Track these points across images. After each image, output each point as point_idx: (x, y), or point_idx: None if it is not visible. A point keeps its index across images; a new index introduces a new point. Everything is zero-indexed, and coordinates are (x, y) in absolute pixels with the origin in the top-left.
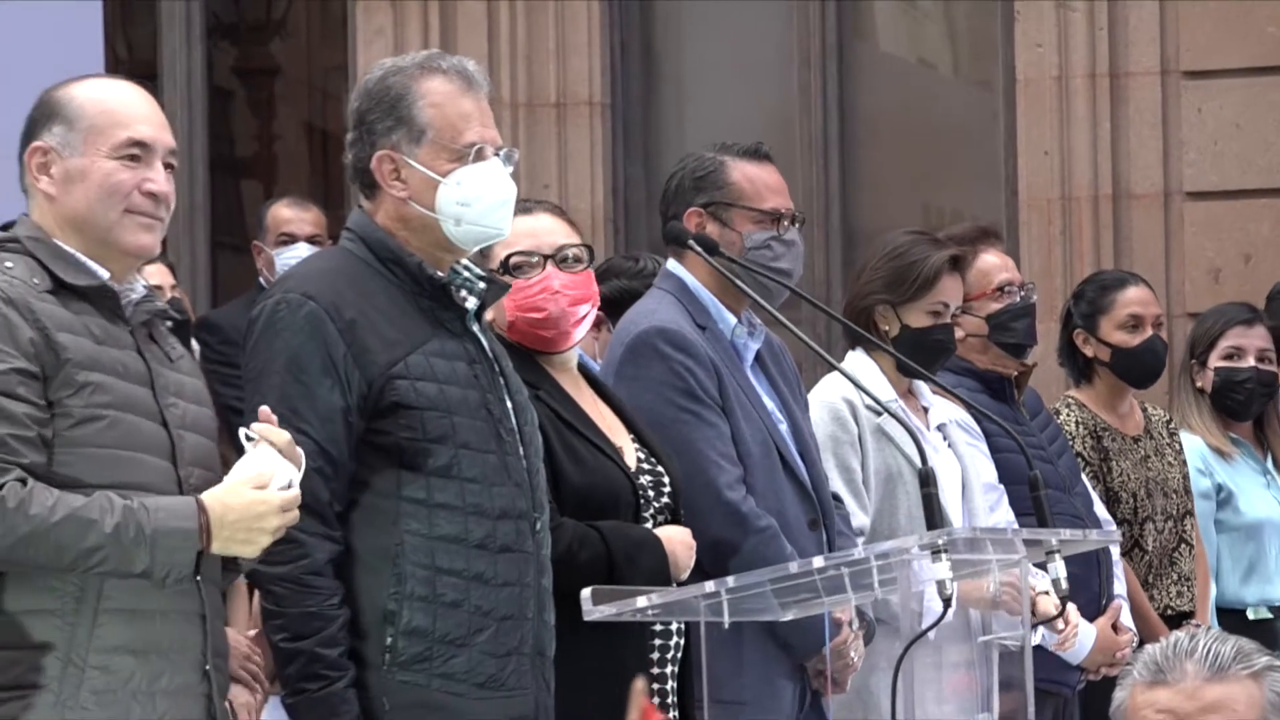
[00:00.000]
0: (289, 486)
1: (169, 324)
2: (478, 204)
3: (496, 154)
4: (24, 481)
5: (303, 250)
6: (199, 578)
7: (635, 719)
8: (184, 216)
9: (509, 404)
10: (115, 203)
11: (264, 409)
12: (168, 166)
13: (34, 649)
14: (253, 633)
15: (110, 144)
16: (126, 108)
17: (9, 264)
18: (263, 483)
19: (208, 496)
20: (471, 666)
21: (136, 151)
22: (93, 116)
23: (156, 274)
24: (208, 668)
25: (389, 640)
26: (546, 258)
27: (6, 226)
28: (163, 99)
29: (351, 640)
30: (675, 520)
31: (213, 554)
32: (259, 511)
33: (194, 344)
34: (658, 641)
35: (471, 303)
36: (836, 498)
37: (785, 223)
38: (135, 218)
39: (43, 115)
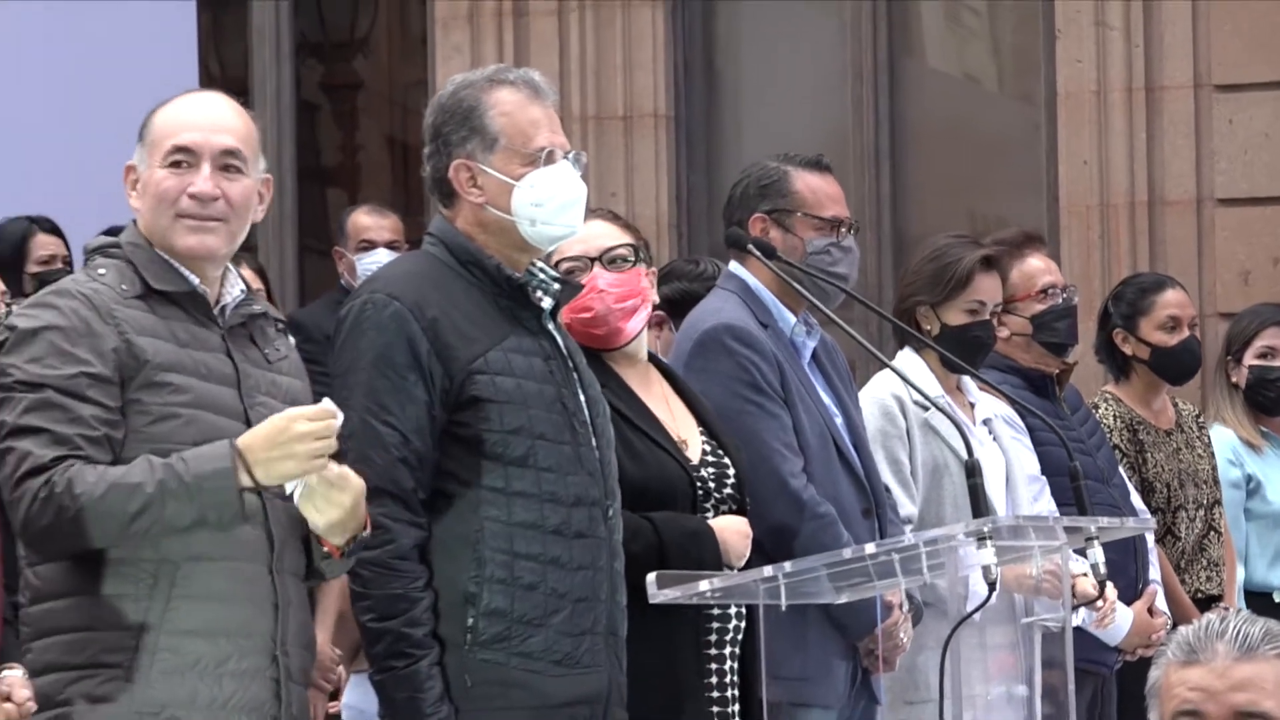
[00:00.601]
0: None
1: (279, 325)
2: (550, 204)
3: (565, 157)
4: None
5: (382, 256)
6: (274, 568)
7: None
8: (274, 223)
9: (582, 398)
10: (165, 209)
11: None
12: (226, 167)
13: (124, 630)
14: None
15: (160, 154)
16: (178, 117)
17: (101, 270)
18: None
19: (242, 436)
20: (548, 645)
21: (180, 158)
22: (154, 131)
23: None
24: (277, 654)
25: (470, 621)
26: (594, 260)
27: (115, 231)
28: (253, 113)
29: (434, 621)
30: (740, 511)
31: (275, 499)
32: (282, 426)
33: None
34: (716, 624)
35: (546, 302)
36: (887, 489)
37: (844, 230)
38: (184, 221)
39: (138, 135)
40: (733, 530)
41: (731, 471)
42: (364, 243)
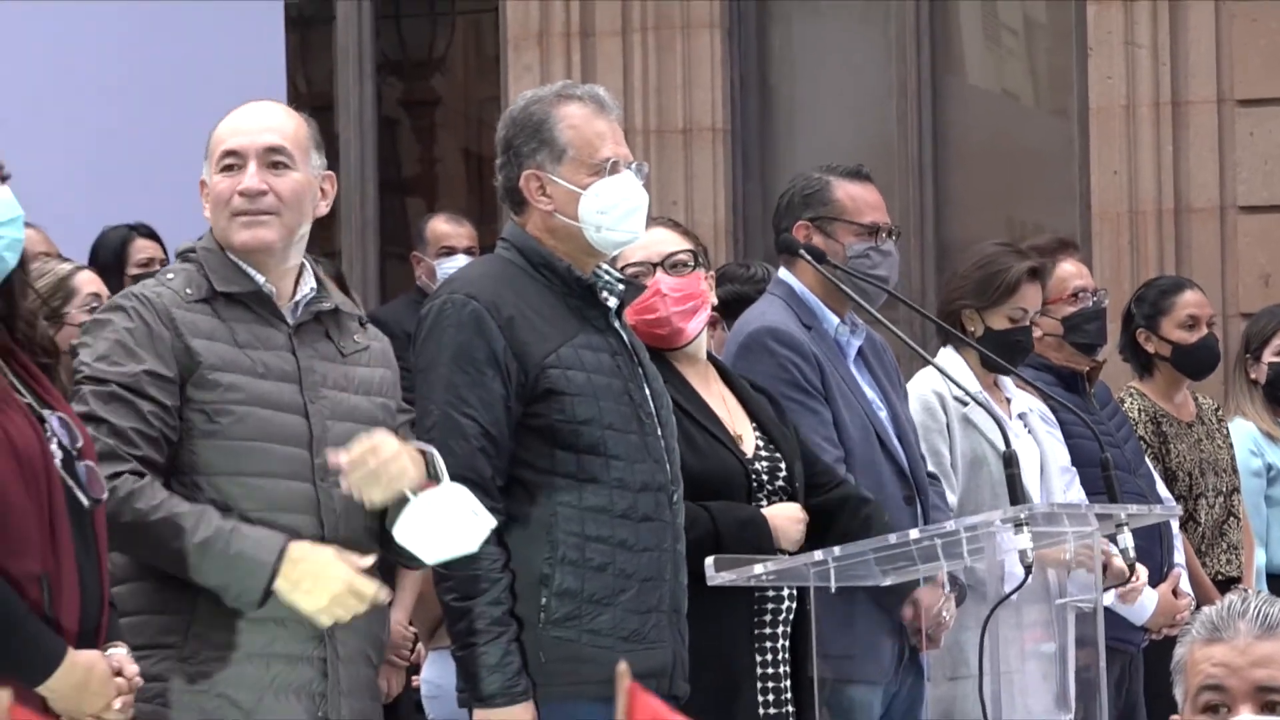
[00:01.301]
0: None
1: (360, 319)
2: (614, 211)
3: (628, 168)
4: (141, 474)
5: (461, 260)
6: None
7: (623, 704)
8: (357, 230)
9: (647, 390)
10: (222, 211)
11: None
12: (273, 164)
13: (175, 614)
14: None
15: (215, 162)
16: (228, 125)
17: (170, 275)
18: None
19: (299, 544)
20: (616, 623)
21: (230, 161)
22: (211, 143)
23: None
24: (324, 637)
25: (543, 600)
26: (656, 265)
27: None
28: (337, 128)
29: (512, 600)
30: (794, 500)
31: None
32: (331, 573)
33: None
34: (770, 605)
35: (612, 302)
36: (933, 477)
37: (883, 235)
38: (238, 219)
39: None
40: (784, 517)
41: (783, 465)
42: (444, 248)
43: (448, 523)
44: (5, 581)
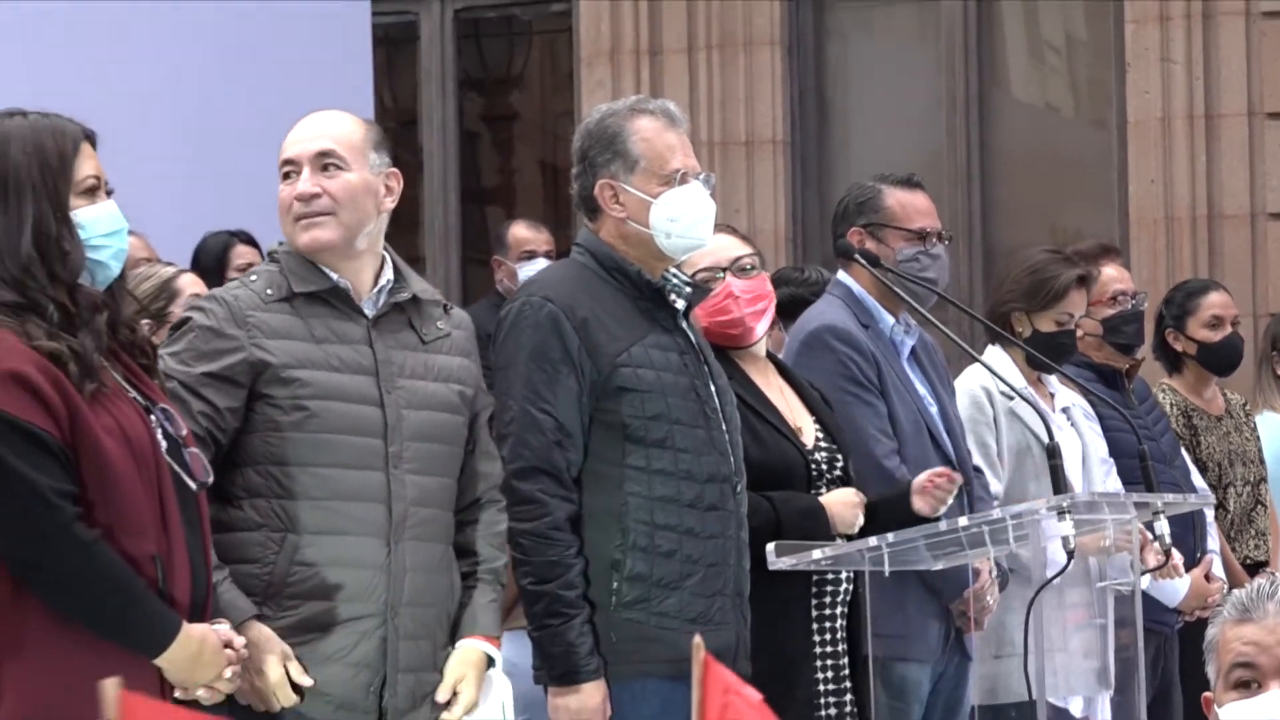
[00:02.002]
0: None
1: (446, 306)
2: (684, 219)
3: (697, 178)
4: None
5: (541, 264)
6: (391, 539)
7: (698, 675)
8: (440, 236)
9: (712, 387)
10: (285, 217)
11: None
12: (325, 167)
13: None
14: None
15: (280, 173)
16: (287, 137)
17: (253, 277)
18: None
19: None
20: (683, 606)
21: (288, 169)
22: (278, 158)
23: None
24: (387, 615)
25: (615, 585)
26: (725, 269)
27: None
28: (421, 140)
29: (585, 585)
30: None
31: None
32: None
33: None
34: (829, 588)
35: (680, 304)
36: (977, 469)
37: (932, 240)
38: (299, 223)
39: None
40: (841, 503)
41: (840, 455)
42: (525, 252)
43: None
44: (124, 561)
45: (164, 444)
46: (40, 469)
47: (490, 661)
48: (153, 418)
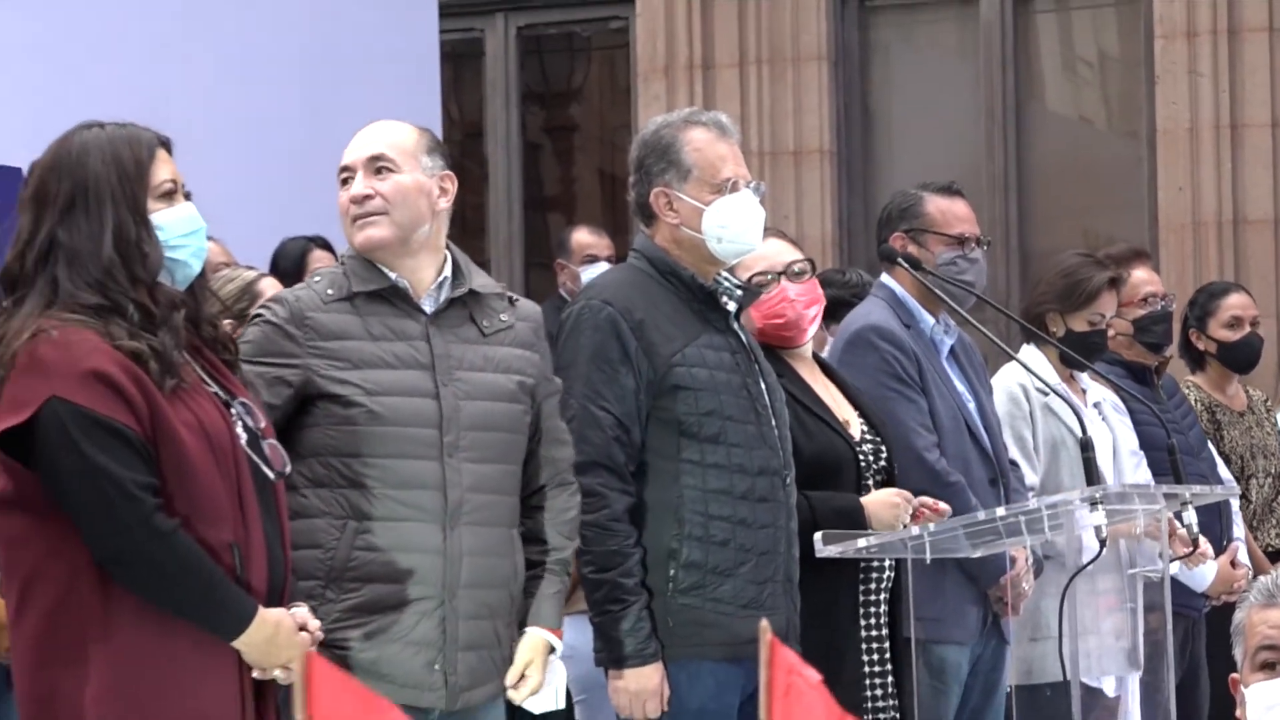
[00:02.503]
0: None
1: (510, 298)
2: (734, 225)
3: (747, 186)
4: None
5: (603, 267)
6: (447, 525)
7: (765, 656)
8: (504, 242)
9: (763, 385)
10: (344, 220)
11: None
12: (377, 170)
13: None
14: None
15: (339, 180)
16: (346, 148)
17: (318, 279)
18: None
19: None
20: (736, 592)
21: (345, 175)
22: None
23: None
24: (444, 598)
25: (672, 572)
26: (780, 273)
27: None
28: (486, 151)
29: (643, 572)
30: (890, 479)
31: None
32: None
33: None
34: (874, 575)
35: (731, 306)
36: (1014, 463)
37: (970, 244)
38: (355, 224)
39: None
40: (880, 503)
41: (884, 448)
42: (587, 256)
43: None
44: (202, 549)
45: (243, 436)
46: (122, 462)
47: (552, 649)
48: (233, 411)
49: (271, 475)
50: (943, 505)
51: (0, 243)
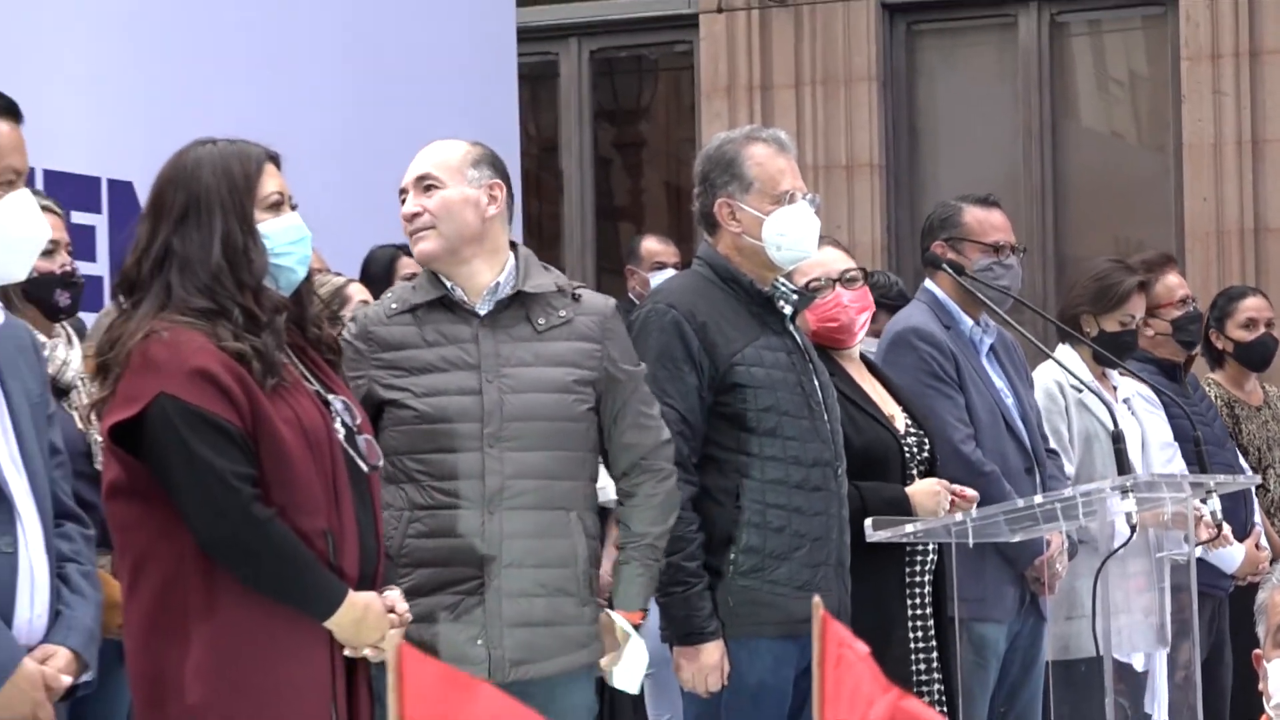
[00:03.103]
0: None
1: (574, 293)
2: (792, 234)
3: (804, 198)
4: None
5: (670, 273)
6: (487, 510)
7: (818, 630)
8: (578, 250)
9: (816, 383)
10: (407, 237)
11: None
12: (426, 188)
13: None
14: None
15: (400, 201)
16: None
17: (389, 294)
18: None
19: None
20: (792, 574)
21: (403, 197)
22: None
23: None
24: (487, 577)
25: (732, 556)
26: (835, 280)
27: None
28: (561, 165)
29: (705, 556)
30: (932, 470)
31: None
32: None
33: None
34: (919, 559)
35: (788, 310)
36: (1053, 453)
37: (1005, 251)
38: (411, 239)
39: None
40: (923, 492)
41: (926, 441)
42: (656, 263)
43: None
44: (296, 536)
45: (340, 431)
46: (223, 454)
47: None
48: (331, 408)
49: (365, 468)
50: (970, 492)
51: (118, 250)
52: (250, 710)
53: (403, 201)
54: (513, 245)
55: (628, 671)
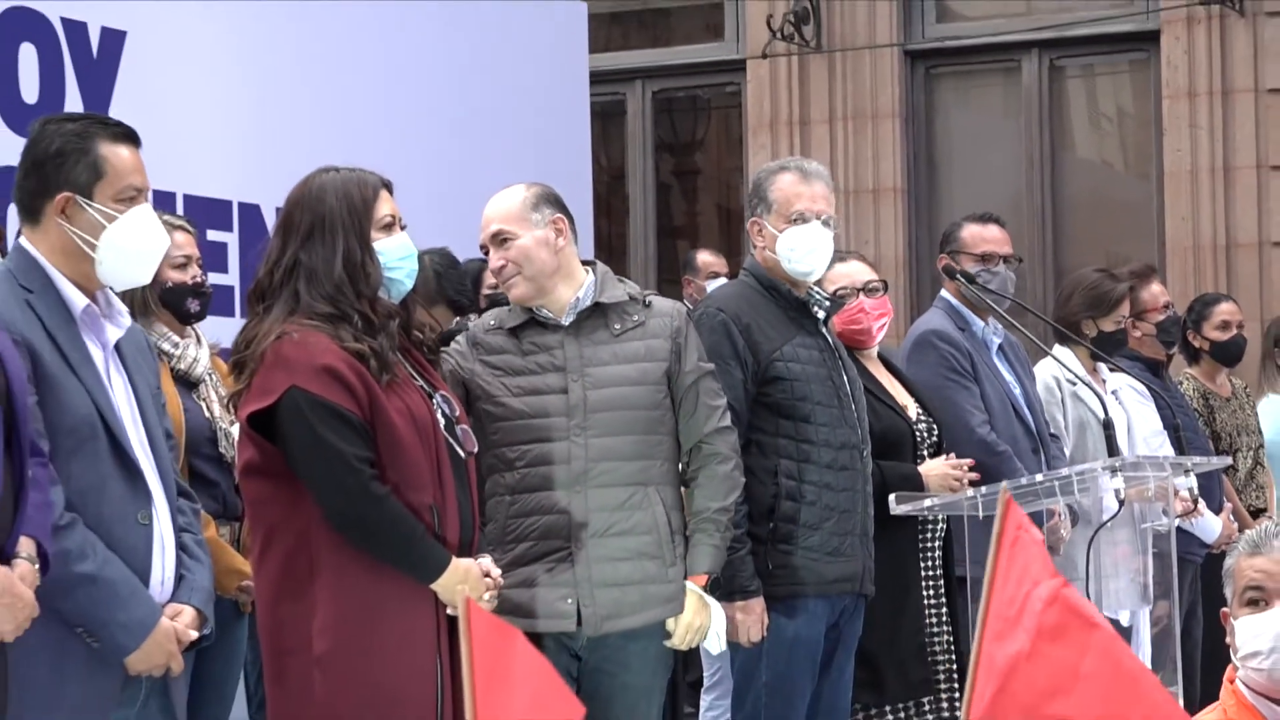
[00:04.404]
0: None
1: (645, 301)
2: (799, 249)
3: (817, 219)
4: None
5: (722, 282)
6: (572, 491)
7: (1001, 510)
8: (641, 264)
9: (845, 377)
10: (499, 283)
11: None
12: (501, 242)
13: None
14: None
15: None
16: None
17: (491, 311)
18: None
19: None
20: (822, 542)
21: (484, 251)
22: None
23: None
24: (574, 545)
25: (771, 526)
26: (859, 290)
27: None
28: (628, 190)
29: (747, 524)
30: (940, 452)
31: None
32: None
33: None
34: (930, 529)
35: (821, 313)
36: (1055, 437)
37: (995, 261)
38: (504, 286)
39: None
40: (934, 474)
41: (936, 427)
42: (711, 273)
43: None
44: (407, 510)
45: (442, 421)
46: (346, 440)
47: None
48: (434, 401)
49: (463, 454)
50: (967, 461)
51: (248, 263)
52: (368, 660)
53: (485, 253)
54: (592, 263)
55: (712, 634)
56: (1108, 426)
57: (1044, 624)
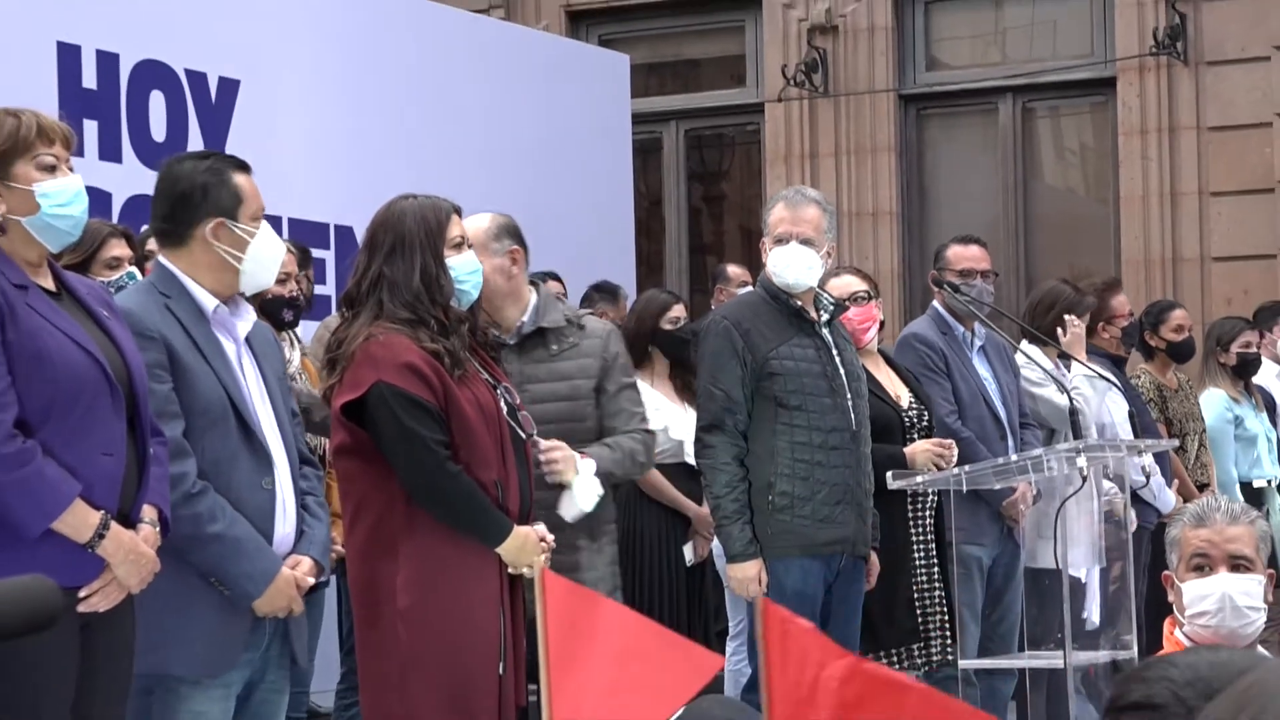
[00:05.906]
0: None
1: (579, 325)
2: (779, 265)
3: (796, 240)
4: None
5: (747, 289)
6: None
7: (760, 609)
8: (676, 275)
9: (841, 371)
10: None
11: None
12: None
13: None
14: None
15: None
16: None
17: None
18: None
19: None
20: (814, 511)
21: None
22: None
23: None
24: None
25: (770, 498)
26: (846, 300)
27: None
28: (664, 214)
29: (750, 498)
30: (929, 434)
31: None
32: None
33: None
34: (920, 500)
35: (823, 316)
36: (1029, 425)
37: (973, 276)
38: None
39: None
40: (918, 452)
41: (926, 414)
42: (742, 282)
43: (590, 489)
44: (477, 485)
45: (504, 409)
46: (425, 426)
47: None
48: (498, 391)
49: (523, 436)
50: (947, 441)
51: (342, 276)
52: (444, 613)
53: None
54: (535, 285)
55: (583, 493)
56: (1073, 413)
57: (846, 698)
